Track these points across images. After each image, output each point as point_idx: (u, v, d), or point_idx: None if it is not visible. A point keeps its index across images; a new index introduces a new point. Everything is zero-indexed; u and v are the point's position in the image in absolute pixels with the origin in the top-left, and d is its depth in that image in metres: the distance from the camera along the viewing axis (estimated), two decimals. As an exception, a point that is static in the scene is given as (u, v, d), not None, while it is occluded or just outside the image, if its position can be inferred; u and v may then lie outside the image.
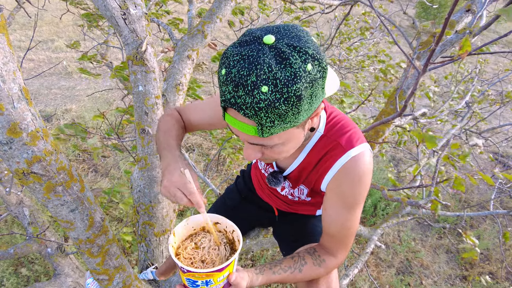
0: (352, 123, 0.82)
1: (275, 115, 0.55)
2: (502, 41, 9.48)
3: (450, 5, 5.06)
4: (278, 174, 0.93)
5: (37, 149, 0.74)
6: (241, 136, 0.64)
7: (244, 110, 0.55)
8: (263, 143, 0.63)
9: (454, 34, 1.51)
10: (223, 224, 0.84)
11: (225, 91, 0.57)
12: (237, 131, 0.64)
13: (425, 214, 1.89)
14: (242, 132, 0.61)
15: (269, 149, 0.67)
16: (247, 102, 0.54)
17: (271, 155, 0.69)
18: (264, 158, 0.72)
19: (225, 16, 1.69)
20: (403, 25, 9.95)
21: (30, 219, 1.61)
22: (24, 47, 5.93)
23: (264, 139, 0.62)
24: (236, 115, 0.59)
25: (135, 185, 1.54)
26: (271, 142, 0.63)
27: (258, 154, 0.69)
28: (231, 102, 0.56)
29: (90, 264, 1.03)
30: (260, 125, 0.57)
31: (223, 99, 0.58)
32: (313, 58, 0.55)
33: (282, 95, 0.53)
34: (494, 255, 3.27)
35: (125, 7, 1.09)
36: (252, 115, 0.55)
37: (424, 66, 0.88)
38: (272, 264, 0.84)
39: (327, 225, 0.85)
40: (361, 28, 3.04)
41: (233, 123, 0.61)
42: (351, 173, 0.77)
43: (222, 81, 0.57)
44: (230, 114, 0.61)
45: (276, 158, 0.70)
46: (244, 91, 0.53)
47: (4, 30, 0.65)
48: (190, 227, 0.83)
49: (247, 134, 0.61)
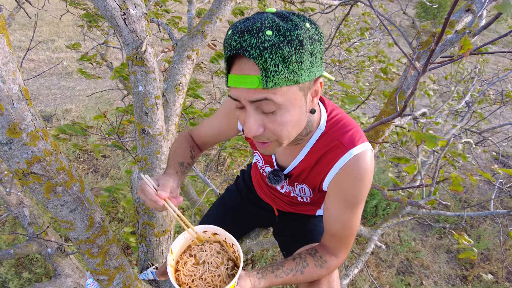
0: (353, 122, 0.82)
1: (279, 57, 0.57)
2: (502, 41, 9.48)
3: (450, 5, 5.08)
4: (279, 172, 0.93)
5: (37, 149, 0.74)
6: (244, 96, 0.62)
7: (249, 51, 0.57)
8: (266, 96, 0.61)
9: (454, 34, 1.50)
10: (221, 235, 0.82)
11: (231, 43, 0.59)
12: (240, 92, 0.63)
13: (425, 214, 1.88)
14: (245, 88, 0.61)
15: (272, 118, 0.65)
16: (252, 43, 0.57)
17: (273, 127, 0.66)
18: (265, 136, 0.68)
19: (225, 16, 1.69)
20: (403, 25, 9.95)
21: (30, 219, 1.61)
22: (24, 47, 5.93)
23: (268, 92, 0.60)
24: (240, 68, 0.60)
25: (135, 185, 1.54)
26: (275, 97, 0.61)
27: (260, 128, 0.66)
28: (236, 48, 0.58)
29: (90, 265, 1.03)
30: (264, 70, 0.58)
31: (229, 51, 0.60)
32: (310, 21, 0.62)
33: (285, 38, 0.57)
34: (495, 255, 3.27)
35: (125, 7, 1.09)
36: (257, 56, 0.57)
37: (424, 66, 0.88)
38: (274, 266, 0.84)
39: (329, 224, 0.85)
40: (361, 29, 3.04)
41: (236, 82, 0.61)
42: (353, 172, 0.77)
43: (228, 37, 0.60)
44: (233, 72, 0.62)
45: (278, 133, 0.67)
46: (250, 34, 0.57)
47: (4, 30, 0.65)
48: (188, 239, 0.82)
49: (250, 88, 0.60)
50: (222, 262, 0.78)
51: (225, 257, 0.80)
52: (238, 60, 0.61)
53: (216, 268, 0.76)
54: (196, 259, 0.78)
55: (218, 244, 0.83)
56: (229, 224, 1.33)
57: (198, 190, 3.39)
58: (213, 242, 0.84)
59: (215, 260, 0.78)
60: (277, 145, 0.70)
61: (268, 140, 0.69)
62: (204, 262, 0.77)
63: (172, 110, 1.61)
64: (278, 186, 0.96)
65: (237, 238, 1.45)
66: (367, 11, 3.14)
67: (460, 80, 2.69)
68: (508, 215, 1.66)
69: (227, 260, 0.80)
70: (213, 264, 0.77)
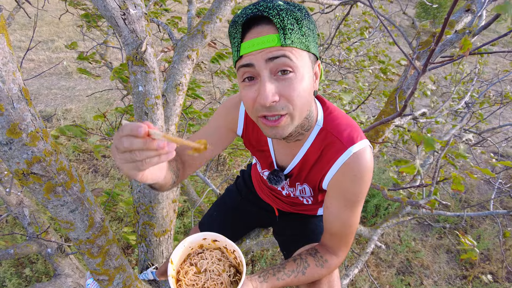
0: (350, 119, 0.82)
1: (293, 19, 0.62)
2: (502, 41, 9.48)
3: (450, 5, 5.08)
4: (279, 172, 0.92)
5: (37, 150, 0.74)
6: (261, 57, 0.63)
7: (268, 11, 0.61)
8: (284, 53, 0.62)
9: (453, 34, 1.50)
10: (221, 242, 0.80)
11: (246, 12, 0.63)
12: (255, 55, 0.63)
13: (425, 214, 1.88)
14: (262, 50, 0.63)
15: (287, 83, 0.64)
16: (269, 6, 0.62)
17: (289, 93, 0.64)
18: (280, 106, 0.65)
19: (225, 16, 1.69)
20: (403, 25, 9.96)
21: (30, 220, 1.61)
22: (24, 47, 5.93)
23: (285, 49, 0.62)
24: (256, 32, 0.63)
25: (135, 185, 1.54)
26: (292, 55, 0.63)
27: (275, 96, 0.64)
28: (253, 12, 0.62)
29: (90, 265, 1.03)
30: (282, 29, 0.61)
31: (244, 17, 0.63)
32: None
33: (295, 7, 0.65)
34: (495, 255, 3.27)
35: (125, 7, 1.09)
36: (275, 15, 0.61)
37: (423, 66, 0.88)
38: (275, 269, 0.83)
39: (329, 223, 0.85)
40: (361, 28, 3.04)
41: (253, 45, 0.63)
42: (353, 170, 0.77)
43: (240, 12, 0.65)
44: (248, 39, 0.64)
45: (294, 100, 0.65)
46: (264, 2, 0.63)
47: (4, 30, 0.65)
48: (187, 248, 0.80)
49: (269, 46, 0.62)
50: (224, 270, 0.77)
51: (226, 264, 0.79)
52: (254, 27, 0.64)
53: (218, 276, 0.75)
54: (198, 268, 0.77)
55: (219, 251, 0.82)
56: (229, 224, 1.33)
57: (198, 191, 3.39)
58: (213, 249, 0.82)
59: (216, 267, 0.77)
60: (289, 120, 0.68)
61: (283, 111, 0.66)
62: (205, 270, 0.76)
63: (172, 110, 1.61)
64: (278, 186, 0.96)
65: (237, 238, 1.46)
66: (368, 11, 3.14)
67: (460, 81, 2.69)
68: (507, 215, 1.66)
69: (229, 266, 0.79)
70: (215, 272, 0.76)
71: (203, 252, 0.81)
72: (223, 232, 1.31)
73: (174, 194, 1.63)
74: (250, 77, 0.66)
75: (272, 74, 0.64)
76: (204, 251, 0.81)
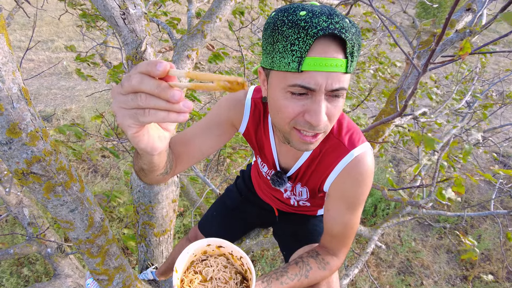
0: (352, 123, 0.82)
1: (358, 45, 0.59)
2: (503, 41, 9.48)
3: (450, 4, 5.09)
4: (282, 174, 0.92)
5: (37, 149, 0.74)
6: (326, 82, 0.58)
7: (344, 33, 0.56)
8: (344, 85, 0.60)
9: (454, 34, 1.50)
10: (227, 248, 0.77)
11: (319, 23, 0.55)
12: (321, 77, 0.58)
13: (425, 214, 1.88)
14: (327, 73, 0.58)
15: (334, 104, 0.63)
16: (344, 26, 0.56)
17: (334, 114, 0.64)
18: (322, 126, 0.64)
19: (224, 15, 1.69)
20: (403, 25, 9.95)
21: (30, 219, 1.61)
22: (24, 47, 5.93)
23: (346, 78, 0.60)
24: (324, 50, 0.56)
25: (135, 185, 1.54)
26: (346, 84, 0.61)
27: (325, 117, 0.62)
28: (330, 28, 0.55)
29: (90, 264, 1.03)
30: (350, 54, 0.58)
31: (318, 30, 0.55)
32: None
33: (356, 28, 0.59)
34: (495, 255, 3.27)
35: (124, 6, 1.09)
36: (350, 39, 0.56)
37: (424, 66, 0.88)
38: (278, 273, 0.83)
39: (330, 226, 0.85)
40: (362, 29, 3.03)
41: (320, 65, 0.57)
42: (354, 173, 0.77)
43: (307, 17, 0.56)
44: (314, 54, 0.57)
45: (334, 120, 0.65)
46: (338, 17, 0.56)
47: (3, 30, 0.65)
48: (191, 255, 0.76)
49: (336, 72, 0.58)
50: (231, 277, 0.74)
51: (232, 271, 0.76)
52: (323, 42, 0.57)
53: (225, 283, 0.73)
54: (203, 276, 0.74)
55: (224, 257, 0.79)
56: (229, 224, 1.32)
57: (198, 192, 3.39)
58: (217, 255, 0.80)
59: (223, 275, 0.74)
60: (323, 136, 0.68)
61: (322, 130, 0.65)
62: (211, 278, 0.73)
63: (172, 110, 1.61)
64: (281, 188, 0.96)
65: (237, 238, 1.45)
66: (369, 11, 3.13)
67: (461, 80, 2.68)
68: (508, 215, 1.66)
69: (235, 273, 0.76)
70: (221, 280, 0.73)
71: (207, 259, 0.78)
72: (223, 231, 1.32)
73: (174, 194, 1.63)
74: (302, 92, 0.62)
75: (326, 95, 0.62)
76: (208, 257, 0.78)
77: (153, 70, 0.38)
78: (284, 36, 0.57)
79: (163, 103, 0.39)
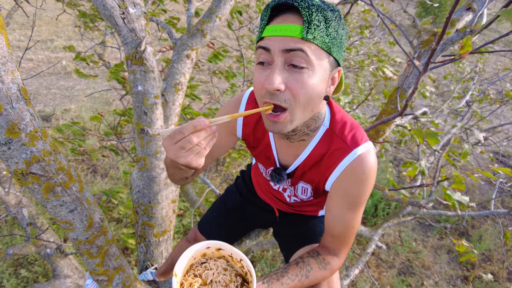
0: (355, 122, 0.82)
1: (323, 17, 0.62)
2: (503, 40, 9.48)
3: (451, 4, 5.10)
4: (281, 171, 0.92)
5: (36, 150, 0.73)
6: (279, 44, 0.63)
7: (299, 2, 0.61)
8: (302, 47, 0.62)
9: (454, 33, 1.50)
10: (227, 250, 0.76)
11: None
12: (275, 41, 0.64)
13: (426, 214, 1.88)
14: (282, 37, 0.63)
15: (297, 77, 0.64)
16: None
17: (296, 86, 0.64)
18: (283, 98, 0.65)
19: (224, 15, 1.69)
20: (403, 24, 9.95)
21: (29, 220, 1.60)
22: (23, 47, 5.92)
23: (304, 44, 0.62)
24: (283, 19, 0.64)
25: (134, 185, 1.53)
26: (309, 50, 0.63)
27: (282, 85, 0.64)
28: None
29: (90, 265, 1.02)
30: (307, 22, 0.61)
31: (274, 1, 0.63)
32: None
33: (329, 7, 0.64)
34: (496, 256, 3.27)
35: (124, 6, 1.09)
36: (305, 7, 0.61)
37: (425, 66, 0.87)
38: (279, 274, 0.82)
39: (331, 225, 0.84)
40: (361, 26, 3.03)
41: (276, 30, 0.64)
42: (357, 172, 0.76)
43: None
44: (273, 23, 0.65)
45: (298, 96, 0.65)
46: None
47: (2, 29, 0.64)
48: (190, 258, 0.76)
49: (289, 36, 0.62)
50: (231, 280, 0.74)
51: (232, 274, 0.75)
52: (283, 14, 0.64)
53: (225, 286, 0.72)
54: (203, 279, 0.73)
55: (223, 259, 0.78)
56: (228, 225, 1.32)
57: (197, 192, 3.39)
58: (217, 258, 0.79)
59: (223, 278, 0.73)
60: (289, 120, 0.68)
61: (284, 104, 0.66)
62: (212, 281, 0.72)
63: (171, 110, 1.61)
64: (280, 185, 0.95)
65: (236, 238, 1.45)
66: (367, 9, 3.13)
67: (460, 79, 2.68)
68: (508, 215, 1.65)
69: (235, 276, 0.75)
70: (221, 283, 0.72)
71: (206, 262, 0.77)
72: (223, 232, 1.31)
73: (173, 195, 1.62)
74: (265, 62, 0.66)
75: (285, 64, 0.64)
76: (207, 260, 0.78)
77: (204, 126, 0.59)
78: (261, 16, 0.68)
79: (211, 136, 0.61)
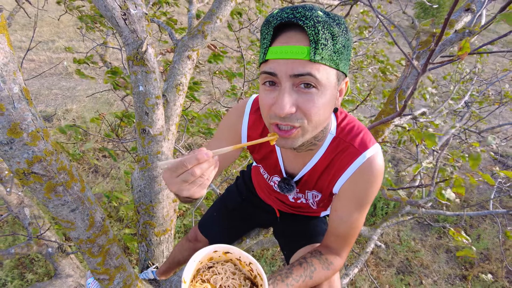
0: (360, 124, 0.82)
1: (329, 33, 0.59)
2: (501, 41, 9.48)
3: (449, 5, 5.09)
4: (290, 181, 0.91)
5: (38, 149, 0.74)
6: (286, 69, 0.60)
7: (304, 20, 0.57)
8: (310, 71, 0.59)
9: (453, 34, 1.51)
10: (235, 254, 0.74)
11: (281, 15, 0.59)
12: (281, 65, 0.60)
13: (424, 213, 1.89)
14: (289, 60, 0.59)
15: (307, 97, 0.62)
16: (306, 14, 0.58)
17: (307, 107, 0.62)
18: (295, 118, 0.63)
19: (225, 16, 1.70)
20: (402, 25, 9.96)
21: (31, 219, 1.61)
22: (25, 47, 5.94)
23: (313, 67, 0.59)
24: (287, 39, 0.60)
25: (136, 185, 1.54)
26: (318, 73, 0.59)
27: (293, 107, 0.62)
28: (288, 17, 0.58)
29: (91, 264, 1.03)
30: (314, 42, 0.58)
31: (278, 20, 0.59)
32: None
33: (334, 20, 0.60)
34: (494, 255, 3.27)
35: (125, 7, 1.10)
36: (311, 26, 0.57)
37: (423, 66, 0.88)
38: (283, 274, 0.82)
39: (336, 225, 0.84)
40: (360, 27, 3.03)
41: (280, 53, 0.60)
42: (367, 174, 0.77)
43: (275, 13, 0.60)
44: (277, 44, 0.61)
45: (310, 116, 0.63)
46: (303, 8, 0.59)
47: (4, 30, 0.65)
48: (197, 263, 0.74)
49: (296, 58, 0.59)
50: (240, 284, 0.72)
51: (241, 277, 0.74)
52: (286, 32, 0.60)
53: None
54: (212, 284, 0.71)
55: (231, 263, 0.77)
56: (229, 225, 1.33)
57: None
58: (224, 261, 0.77)
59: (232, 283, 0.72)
60: (300, 134, 0.66)
61: (297, 123, 0.64)
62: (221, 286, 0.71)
63: (172, 110, 1.61)
64: (290, 194, 0.95)
65: (237, 238, 1.46)
66: (366, 10, 3.14)
67: (459, 80, 2.69)
68: (507, 214, 1.66)
69: (244, 279, 0.74)
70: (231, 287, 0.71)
71: (213, 266, 0.76)
72: (223, 232, 1.32)
73: (174, 194, 1.63)
74: (272, 81, 0.63)
75: (294, 85, 0.62)
76: (214, 264, 0.76)
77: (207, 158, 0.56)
78: (261, 33, 0.64)
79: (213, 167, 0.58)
